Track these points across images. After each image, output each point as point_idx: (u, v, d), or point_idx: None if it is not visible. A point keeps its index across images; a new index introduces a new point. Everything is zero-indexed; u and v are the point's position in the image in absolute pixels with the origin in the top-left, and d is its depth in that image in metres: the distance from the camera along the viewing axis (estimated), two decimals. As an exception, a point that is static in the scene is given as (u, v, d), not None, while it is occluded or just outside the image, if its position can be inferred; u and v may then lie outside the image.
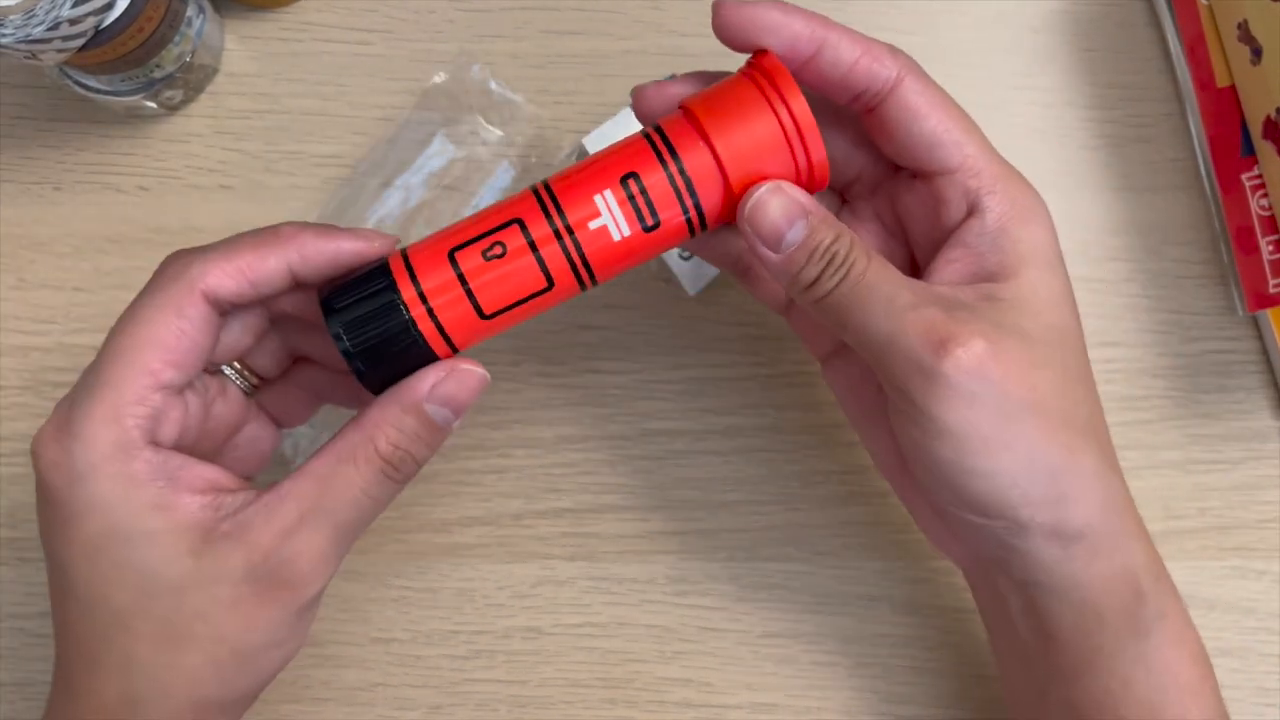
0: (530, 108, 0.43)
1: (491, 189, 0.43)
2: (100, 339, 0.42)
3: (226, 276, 0.31)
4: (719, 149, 0.30)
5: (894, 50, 0.32)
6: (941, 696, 0.42)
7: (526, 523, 0.42)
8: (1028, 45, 0.45)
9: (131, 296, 0.43)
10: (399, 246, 0.32)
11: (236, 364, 0.35)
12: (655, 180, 0.31)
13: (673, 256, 0.43)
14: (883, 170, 0.35)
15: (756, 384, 0.43)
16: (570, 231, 0.30)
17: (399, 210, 0.42)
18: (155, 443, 0.30)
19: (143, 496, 0.30)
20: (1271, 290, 0.40)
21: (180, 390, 0.31)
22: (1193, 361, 0.43)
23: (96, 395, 0.30)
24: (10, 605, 0.42)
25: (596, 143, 0.43)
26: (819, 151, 0.31)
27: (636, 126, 0.43)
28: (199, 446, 0.33)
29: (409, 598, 0.42)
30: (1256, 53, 0.39)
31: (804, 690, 0.42)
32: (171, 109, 0.44)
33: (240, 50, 0.45)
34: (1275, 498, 0.43)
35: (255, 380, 0.35)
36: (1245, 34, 0.40)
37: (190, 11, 0.41)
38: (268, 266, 0.31)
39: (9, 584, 0.42)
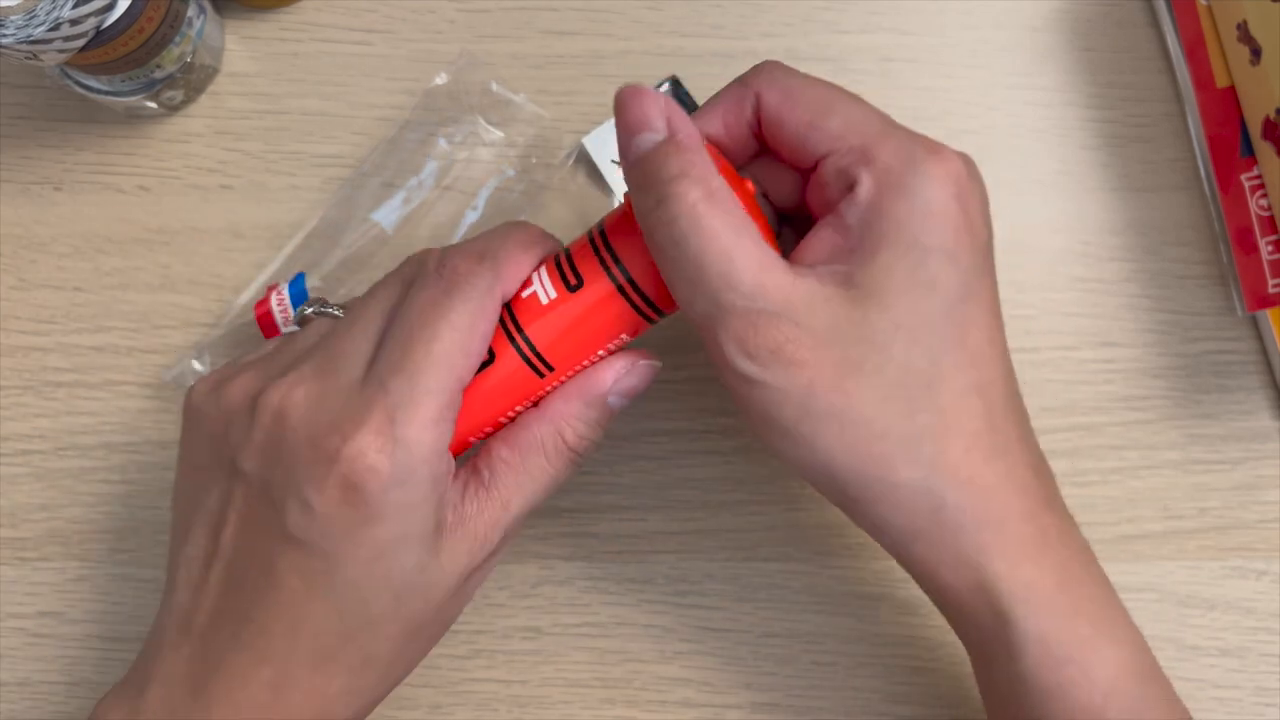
0: (531, 108, 0.43)
1: (492, 189, 0.43)
2: (100, 339, 0.43)
3: (515, 281, 0.32)
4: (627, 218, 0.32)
5: (748, 76, 0.32)
6: (941, 697, 0.42)
7: (526, 523, 0.42)
8: (1027, 45, 0.45)
9: (132, 296, 0.43)
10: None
11: None
12: (577, 245, 0.33)
13: (672, 256, 0.43)
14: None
15: (756, 384, 0.43)
16: (509, 308, 0.33)
17: (400, 211, 0.43)
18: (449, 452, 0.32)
19: (436, 514, 0.31)
20: (1271, 290, 0.40)
21: None
22: (1192, 362, 0.43)
23: (421, 400, 0.30)
24: (10, 605, 0.42)
25: (596, 142, 0.43)
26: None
27: (636, 127, 0.44)
28: None
29: (409, 597, 0.42)
30: (1256, 53, 0.39)
31: (804, 690, 0.42)
32: (172, 109, 0.44)
33: (241, 50, 0.45)
34: (1275, 498, 0.43)
35: None
36: (1245, 34, 0.40)
37: (191, 12, 0.41)
38: (529, 266, 0.33)
39: (9, 584, 0.42)
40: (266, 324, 0.40)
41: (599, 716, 0.42)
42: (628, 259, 0.32)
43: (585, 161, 0.44)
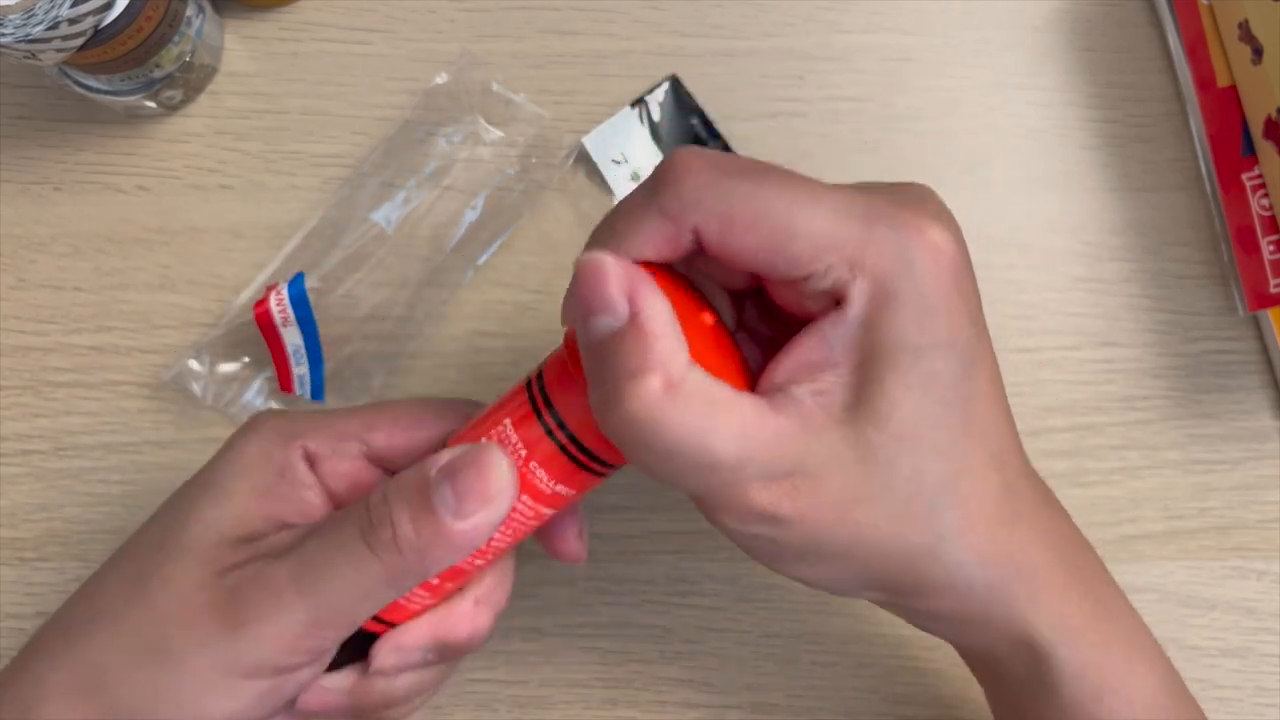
0: (531, 108, 0.43)
1: (492, 189, 0.43)
2: (100, 339, 0.43)
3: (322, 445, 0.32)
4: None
5: (665, 207, 0.27)
6: (942, 697, 0.42)
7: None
8: (1028, 45, 0.45)
9: (131, 296, 0.43)
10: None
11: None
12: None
13: (673, 256, 0.43)
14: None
15: (757, 384, 0.43)
16: None
17: (400, 211, 0.42)
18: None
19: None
20: (1272, 290, 0.40)
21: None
22: (1193, 361, 0.43)
23: (320, 424, 0.32)
24: (10, 605, 0.42)
25: (596, 142, 0.43)
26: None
27: (636, 127, 0.44)
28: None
29: (409, 598, 0.42)
30: (1257, 52, 0.39)
31: (804, 691, 0.42)
32: (171, 109, 0.44)
33: (240, 50, 0.45)
34: (1276, 498, 0.42)
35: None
36: (1246, 34, 0.40)
37: (190, 11, 0.41)
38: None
39: (8, 584, 0.42)
40: (265, 324, 0.40)
41: (600, 717, 0.42)
42: (565, 412, 0.29)
43: (585, 161, 0.44)
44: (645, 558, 0.42)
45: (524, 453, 0.29)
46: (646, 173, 0.43)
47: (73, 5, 0.35)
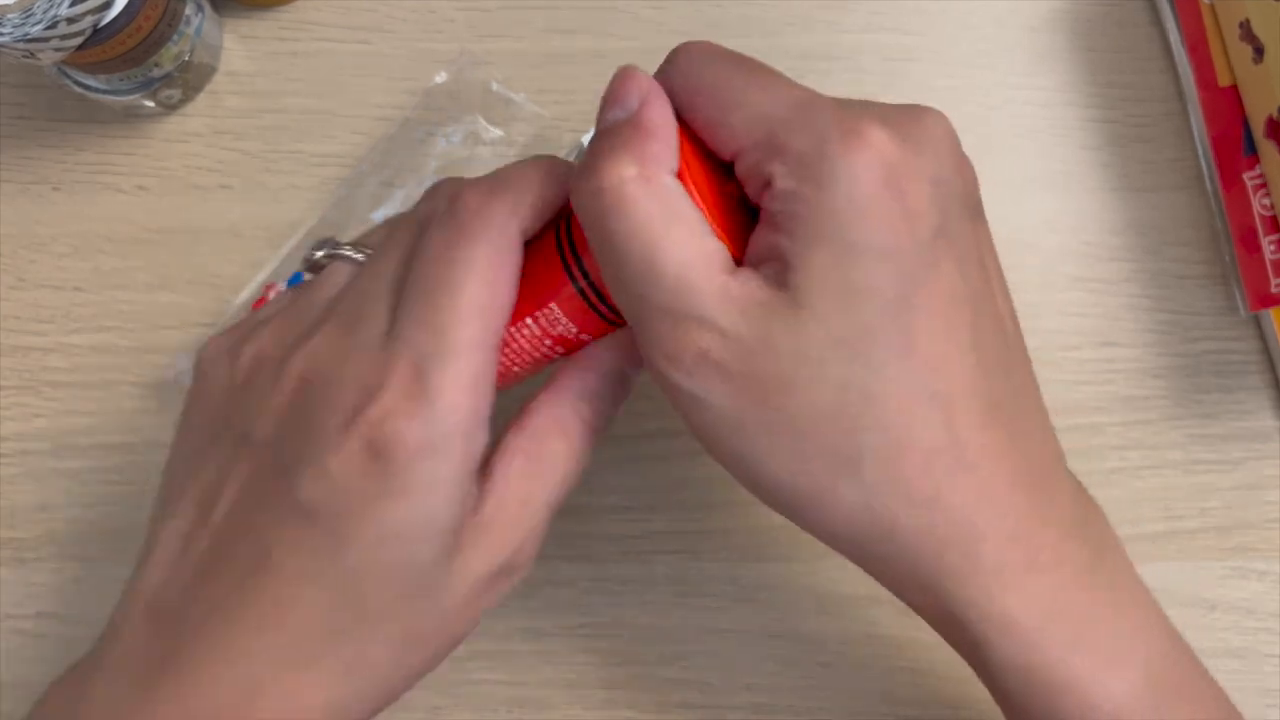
0: (531, 107, 0.43)
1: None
2: (100, 339, 0.43)
3: (533, 219, 0.29)
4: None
5: (662, 69, 0.28)
6: (942, 697, 0.42)
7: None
8: (1028, 45, 0.45)
9: (131, 296, 0.43)
10: None
11: None
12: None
13: (673, 256, 0.43)
14: None
15: (757, 384, 0.43)
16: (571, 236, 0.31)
17: (400, 210, 0.42)
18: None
19: (462, 491, 0.28)
20: (1273, 290, 0.40)
21: None
22: (1194, 361, 0.43)
23: (453, 357, 0.27)
24: (9, 605, 0.42)
25: (596, 142, 0.43)
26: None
27: (636, 126, 0.44)
28: None
29: (408, 598, 0.42)
30: (1259, 52, 0.39)
31: (805, 691, 0.42)
32: (170, 108, 0.44)
33: (239, 49, 0.44)
34: (1277, 498, 0.42)
35: None
36: (1247, 33, 0.40)
37: (189, 10, 0.41)
38: (552, 199, 0.30)
39: (8, 584, 0.42)
40: (265, 324, 0.40)
41: (599, 717, 0.42)
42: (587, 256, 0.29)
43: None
44: (645, 558, 0.42)
45: (575, 329, 0.30)
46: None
47: (71, 4, 0.34)
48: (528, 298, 0.29)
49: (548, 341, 0.31)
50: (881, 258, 0.25)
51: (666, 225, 0.26)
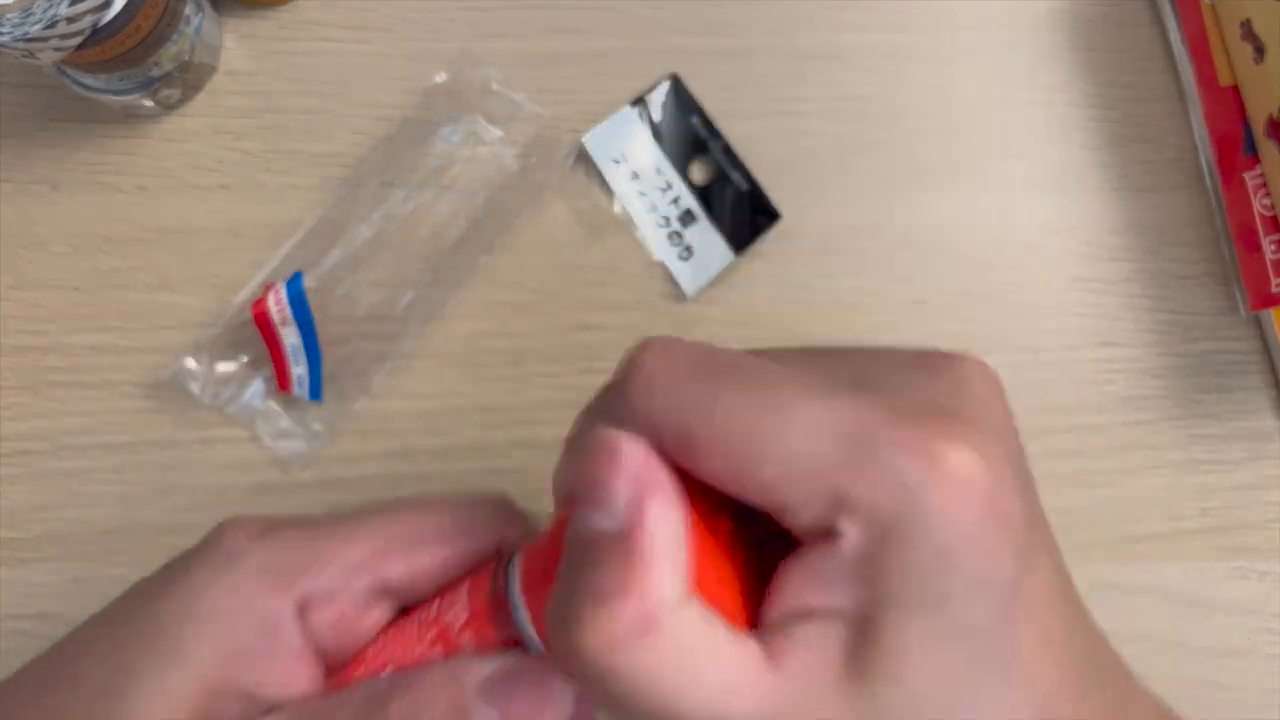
0: (531, 107, 0.43)
1: (492, 189, 0.43)
2: (100, 339, 0.43)
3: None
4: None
5: (621, 417, 0.23)
6: (943, 697, 0.42)
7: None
8: (1028, 44, 0.45)
9: (130, 296, 0.43)
10: None
11: None
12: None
13: (672, 257, 0.43)
14: None
15: (757, 384, 0.43)
16: None
17: (400, 210, 0.42)
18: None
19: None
20: (1274, 290, 0.40)
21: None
22: (1194, 361, 0.43)
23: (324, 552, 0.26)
24: (9, 606, 0.42)
25: (596, 141, 0.43)
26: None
27: (636, 126, 0.44)
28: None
29: (408, 598, 0.42)
30: (1259, 51, 0.39)
31: (805, 691, 0.42)
32: (169, 108, 0.44)
33: (239, 49, 0.44)
34: (1277, 498, 0.42)
35: None
36: (1248, 33, 0.40)
37: (188, 10, 0.41)
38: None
39: (8, 585, 0.42)
40: (263, 323, 0.40)
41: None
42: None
43: (585, 161, 0.44)
44: (645, 558, 0.42)
45: (468, 638, 0.25)
46: (645, 173, 0.43)
47: (71, 4, 0.34)
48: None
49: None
50: (976, 596, 0.21)
51: (680, 671, 0.21)
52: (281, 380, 0.41)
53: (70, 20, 0.35)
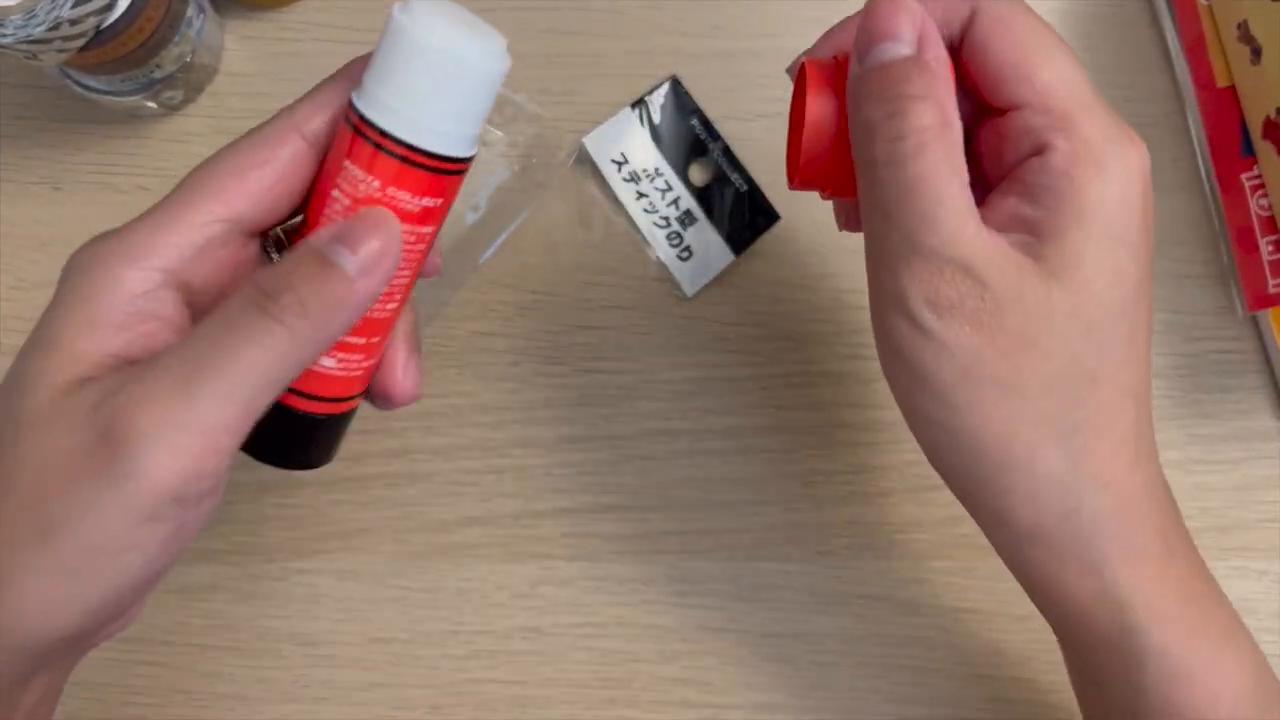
0: (531, 108, 0.43)
1: (492, 189, 0.43)
2: (100, 339, 0.43)
3: (326, 126, 0.28)
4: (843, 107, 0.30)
5: (916, 5, 0.29)
6: (942, 697, 0.42)
7: (526, 523, 0.42)
8: (1027, 45, 0.45)
9: (131, 296, 0.43)
10: None
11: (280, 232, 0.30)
12: None
13: (672, 258, 0.43)
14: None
15: (756, 384, 0.43)
16: None
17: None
18: (184, 284, 0.27)
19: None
20: (1271, 290, 0.40)
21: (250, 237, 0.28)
22: (1193, 361, 0.43)
23: (142, 221, 0.28)
24: (10, 605, 0.42)
25: (596, 142, 0.43)
26: None
27: (636, 128, 0.44)
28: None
29: (409, 598, 0.42)
30: (1256, 53, 0.39)
31: (804, 690, 0.42)
32: (172, 109, 0.44)
33: (240, 50, 0.45)
34: (1276, 498, 0.42)
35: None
36: (1245, 34, 0.40)
37: (190, 12, 0.41)
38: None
39: (9, 584, 0.42)
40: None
41: (599, 717, 0.42)
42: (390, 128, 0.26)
43: (585, 161, 0.44)
44: (645, 558, 0.42)
45: (377, 183, 0.27)
46: (645, 174, 0.43)
47: (74, 6, 0.35)
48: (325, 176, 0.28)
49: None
50: (1131, 253, 0.28)
51: (952, 178, 0.27)
52: (283, 380, 0.41)
53: (73, 22, 0.35)
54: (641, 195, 0.43)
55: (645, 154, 0.44)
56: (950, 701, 0.42)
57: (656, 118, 0.44)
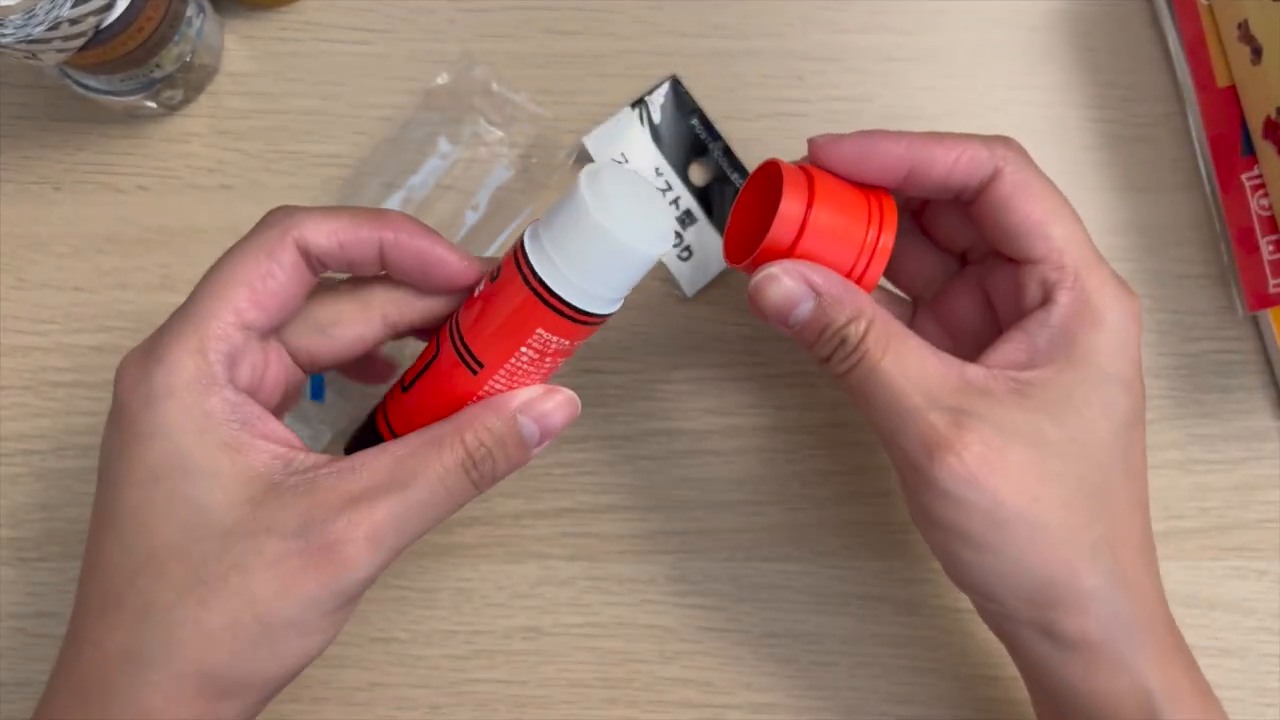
0: (532, 108, 0.43)
1: (492, 189, 0.43)
2: (100, 339, 0.43)
3: (320, 234, 0.31)
4: (810, 216, 0.32)
5: (993, 144, 0.33)
6: (942, 696, 0.42)
7: (526, 523, 0.42)
8: (1027, 45, 0.45)
9: (132, 296, 0.43)
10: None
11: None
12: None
13: (672, 257, 0.43)
14: (987, 250, 0.36)
15: (756, 384, 0.43)
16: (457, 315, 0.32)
17: (401, 210, 0.42)
18: (235, 384, 0.30)
19: (216, 433, 0.29)
20: (1272, 290, 0.40)
21: (263, 337, 0.31)
22: (1193, 361, 0.43)
23: (183, 326, 0.30)
24: (10, 605, 0.42)
25: (597, 142, 0.43)
26: (875, 274, 0.33)
27: (636, 128, 0.44)
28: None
29: (409, 598, 0.42)
30: (1256, 52, 0.39)
31: (804, 690, 0.42)
32: (171, 109, 0.44)
33: (240, 50, 0.45)
34: (1275, 498, 0.42)
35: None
36: (1245, 34, 0.40)
37: (190, 11, 0.41)
38: (360, 235, 0.31)
39: (9, 584, 0.42)
40: (266, 324, 0.40)
41: (600, 717, 0.42)
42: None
43: (586, 161, 0.44)
44: (645, 558, 0.42)
45: (556, 341, 0.31)
46: (645, 174, 0.43)
47: (74, 6, 0.35)
48: (510, 333, 0.31)
49: (547, 360, 0.32)
50: (1124, 387, 0.32)
51: (917, 358, 0.31)
52: (283, 380, 0.41)
53: (73, 22, 0.35)
54: (641, 195, 0.43)
55: (645, 154, 0.44)
56: (950, 701, 0.42)
57: (656, 118, 0.44)
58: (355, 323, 0.33)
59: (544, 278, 0.29)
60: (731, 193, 0.43)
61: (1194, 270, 0.43)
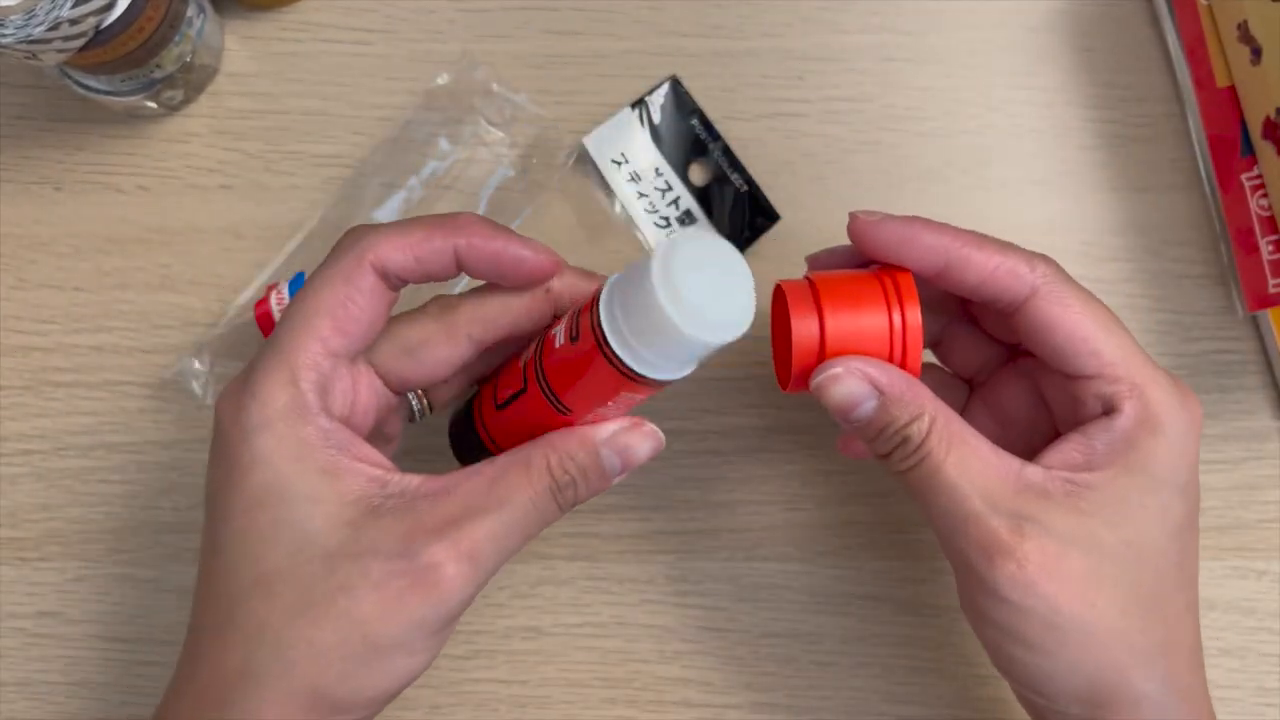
0: (532, 108, 0.43)
1: (492, 189, 0.43)
2: (100, 339, 0.43)
3: (396, 252, 0.32)
4: (826, 329, 0.32)
5: (1033, 261, 0.33)
6: (942, 697, 0.42)
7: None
8: (1027, 45, 0.45)
9: (132, 296, 0.43)
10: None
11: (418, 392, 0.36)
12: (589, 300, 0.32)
13: (673, 256, 0.43)
14: None
15: (756, 384, 0.43)
16: (540, 344, 0.32)
17: (400, 211, 0.43)
18: (328, 411, 0.31)
19: (314, 459, 0.30)
20: (1271, 290, 0.40)
21: (352, 361, 0.32)
22: (1193, 362, 0.43)
23: (273, 359, 0.31)
24: (10, 605, 0.42)
25: (597, 142, 0.43)
26: (915, 354, 0.32)
27: (636, 128, 0.44)
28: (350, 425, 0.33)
29: (409, 598, 0.42)
30: (1256, 53, 0.39)
31: (804, 690, 0.42)
32: (172, 109, 0.44)
33: (240, 50, 0.45)
34: (1275, 498, 0.43)
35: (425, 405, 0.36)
36: (1245, 34, 0.40)
37: (191, 12, 0.41)
38: (434, 245, 0.32)
39: (9, 584, 0.42)
40: (266, 324, 0.40)
41: (600, 716, 0.42)
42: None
43: (586, 161, 0.44)
44: (645, 558, 0.42)
45: (637, 398, 0.32)
46: (645, 174, 0.43)
47: (74, 6, 0.35)
48: (593, 392, 0.31)
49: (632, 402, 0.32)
50: (1179, 493, 0.32)
51: (970, 457, 0.31)
52: (283, 380, 0.41)
53: (73, 22, 0.35)
54: (642, 195, 0.43)
55: (645, 154, 0.44)
56: (950, 701, 0.42)
57: (656, 118, 0.44)
58: (441, 345, 0.33)
59: (622, 357, 0.29)
60: (732, 192, 0.44)
61: (1194, 270, 0.43)
